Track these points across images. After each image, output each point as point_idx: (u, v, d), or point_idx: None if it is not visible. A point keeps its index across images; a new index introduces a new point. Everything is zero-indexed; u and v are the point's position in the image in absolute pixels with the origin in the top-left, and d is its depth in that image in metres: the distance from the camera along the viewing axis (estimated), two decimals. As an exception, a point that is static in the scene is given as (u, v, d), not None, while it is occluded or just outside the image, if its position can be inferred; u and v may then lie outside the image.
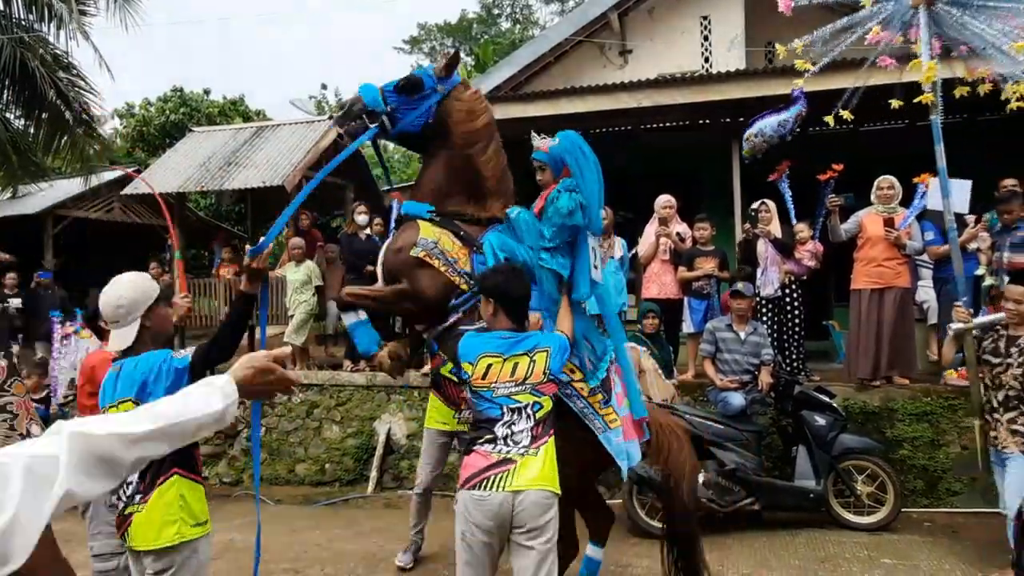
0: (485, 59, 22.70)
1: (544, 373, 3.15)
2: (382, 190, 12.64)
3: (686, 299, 7.03)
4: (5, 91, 10.87)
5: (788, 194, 7.05)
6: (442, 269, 3.68)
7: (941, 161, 4.15)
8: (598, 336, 3.69)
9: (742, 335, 5.88)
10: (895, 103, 4.15)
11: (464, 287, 3.68)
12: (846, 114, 4.22)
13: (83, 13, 11.07)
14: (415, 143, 4.20)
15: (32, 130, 11.33)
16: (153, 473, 2.77)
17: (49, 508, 1.10)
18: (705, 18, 10.81)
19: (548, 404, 3.16)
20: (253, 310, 3.24)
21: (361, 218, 8.53)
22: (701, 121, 8.86)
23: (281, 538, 5.70)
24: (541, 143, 3.77)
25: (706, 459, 5.41)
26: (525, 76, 10.87)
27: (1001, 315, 4.23)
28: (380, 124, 3.80)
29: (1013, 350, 4.14)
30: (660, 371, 6.09)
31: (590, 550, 4.21)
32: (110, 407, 2.82)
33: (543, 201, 3.62)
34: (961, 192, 4.33)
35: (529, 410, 3.10)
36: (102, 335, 3.73)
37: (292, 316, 8.25)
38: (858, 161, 7.08)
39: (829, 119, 4.29)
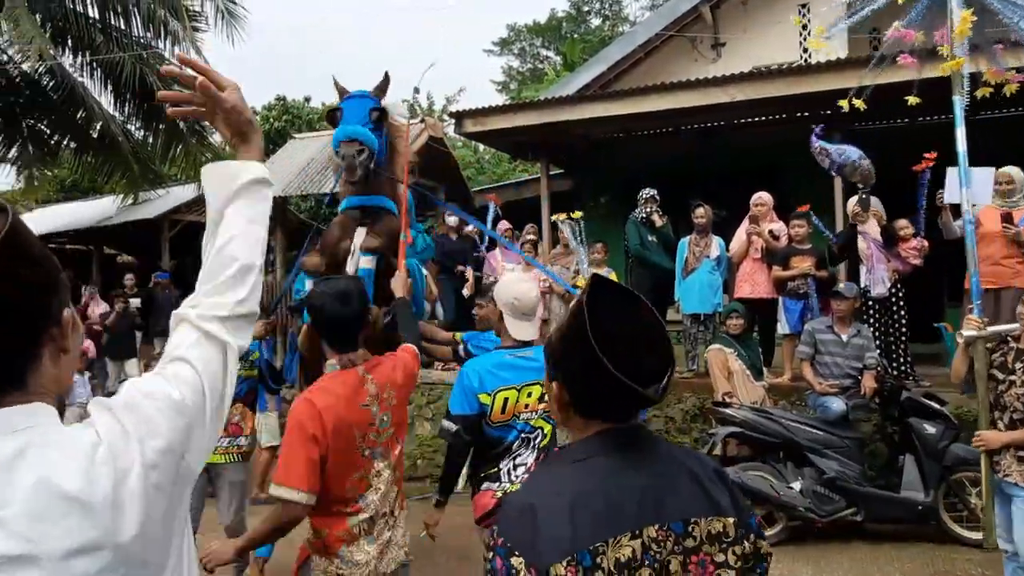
0: (572, 58, 22.66)
1: None
2: (472, 191, 12.81)
3: (781, 299, 6.78)
4: (127, 105, 11.65)
5: (924, 188, 6.29)
6: None
7: (962, 145, 3.82)
8: None
9: (844, 337, 5.62)
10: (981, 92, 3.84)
11: None
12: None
13: (195, 29, 11.73)
14: None
15: (151, 140, 12.09)
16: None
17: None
18: (804, 6, 10.38)
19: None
20: None
21: (452, 219, 8.68)
22: (799, 114, 8.51)
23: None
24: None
25: (803, 466, 5.21)
26: (614, 74, 10.77)
27: (1016, 325, 3.64)
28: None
29: (1019, 366, 3.54)
30: (749, 373, 5.93)
31: None
32: (517, 388, 3.00)
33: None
34: (984, 182, 3.82)
35: None
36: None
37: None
38: (971, 152, 6.61)
39: (844, 103, 4.12)
